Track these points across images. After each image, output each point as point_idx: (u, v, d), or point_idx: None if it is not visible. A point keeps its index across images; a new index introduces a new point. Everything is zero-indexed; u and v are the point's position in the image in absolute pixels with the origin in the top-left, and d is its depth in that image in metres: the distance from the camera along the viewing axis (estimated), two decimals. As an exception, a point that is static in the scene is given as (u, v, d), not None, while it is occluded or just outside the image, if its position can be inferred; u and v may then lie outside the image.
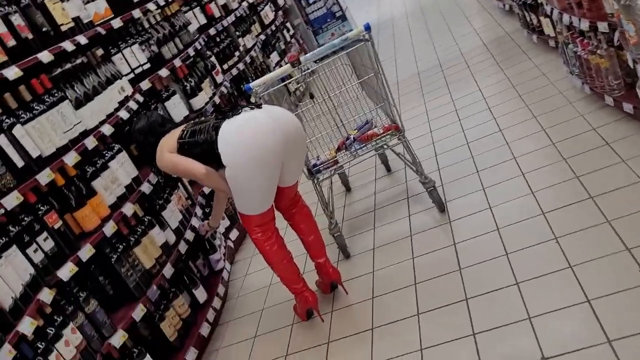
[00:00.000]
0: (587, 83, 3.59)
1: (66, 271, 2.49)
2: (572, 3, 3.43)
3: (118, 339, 2.64)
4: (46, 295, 2.35)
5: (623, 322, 2.10)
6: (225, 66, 5.31)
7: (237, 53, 5.67)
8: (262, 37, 6.74)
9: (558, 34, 4.09)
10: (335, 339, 2.83)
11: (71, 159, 2.68)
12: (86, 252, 2.62)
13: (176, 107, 3.94)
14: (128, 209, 2.94)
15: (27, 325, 2.15)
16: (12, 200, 2.35)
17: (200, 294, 3.35)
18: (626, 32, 2.56)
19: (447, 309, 2.63)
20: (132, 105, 3.36)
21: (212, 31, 5.26)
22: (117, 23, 3.59)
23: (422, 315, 2.68)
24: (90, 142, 2.85)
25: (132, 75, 3.67)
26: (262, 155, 2.55)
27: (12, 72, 2.51)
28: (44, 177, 2.52)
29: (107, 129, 3.01)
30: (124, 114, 3.21)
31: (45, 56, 2.74)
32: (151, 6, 4.07)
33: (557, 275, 2.48)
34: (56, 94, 2.77)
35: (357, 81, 3.60)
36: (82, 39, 3.09)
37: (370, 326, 2.78)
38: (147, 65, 3.81)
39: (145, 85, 3.70)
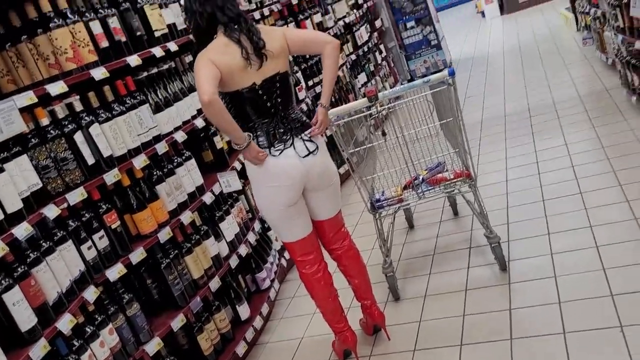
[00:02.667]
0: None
1: (115, 272, 2.55)
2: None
3: (153, 346, 2.67)
4: (91, 294, 2.41)
5: None
6: (310, 82, 5.34)
7: (323, 71, 5.68)
8: (353, 57, 6.73)
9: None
10: (368, 386, 2.74)
11: (140, 161, 2.75)
12: (138, 255, 2.67)
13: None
14: (186, 217, 2.98)
15: (65, 323, 2.20)
16: (77, 196, 2.44)
17: (243, 311, 3.35)
18: None
19: (489, 380, 2.48)
20: (209, 114, 3.42)
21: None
22: (208, 32, 3.68)
23: (462, 380, 2.54)
24: (162, 147, 2.92)
25: (214, 84, 3.74)
26: (280, 185, 2.61)
27: (99, 73, 2.62)
28: (111, 176, 2.60)
29: (180, 136, 3.07)
30: (199, 122, 3.28)
31: (133, 60, 2.83)
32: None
33: (616, 370, 2.27)
34: (138, 97, 2.86)
35: (437, 123, 3.48)
36: (173, 46, 3.18)
37: (406, 380, 2.67)
38: (231, 76, 3.87)
39: (225, 95, 3.76)
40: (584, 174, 3.95)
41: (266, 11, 4.64)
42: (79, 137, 2.52)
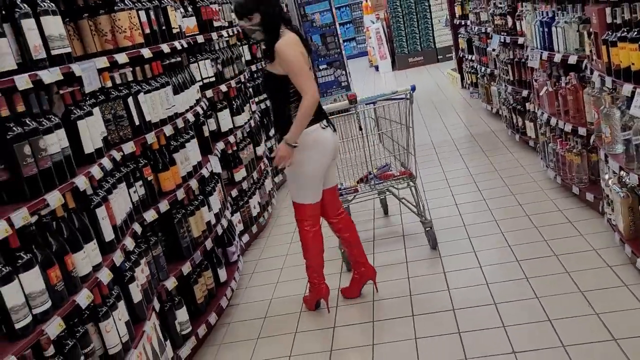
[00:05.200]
0: (560, 175, 4.50)
1: (149, 215, 3.06)
2: (560, 110, 4.38)
3: (170, 283, 3.17)
4: (137, 228, 2.91)
5: None
6: (256, 99, 6.04)
7: (264, 91, 6.43)
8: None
9: (541, 135, 5.05)
10: (340, 325, 3.44)
11: (168, 130, 3.31)
12: (164, 205, 3.20)
13: (224, 119, 4.62)
14: (193, 183, 3.54)
15: (129, 243, 2.70)
16: (128, 148, 2.95)
17: (223, 274, 3.89)
18: (603, 134, 3.46)
19: (436, 315, 3.30)
20: (203, 105, 4.03)
21: (253, 67, 6.05)
22: (200, 39, 4.33)
23: (417, 317, 3.34)
24: (180, 122, 3.48)
25: (200, 83, 4.36)
26: (327, 152, 3.34)
27: (146, 52, 3.18)
28: (150, 137, 3.13)
29: (190, 116, 3.65)
30: (199, 109, 3.88)
31: (165, 47, 3.42)
32: (223, 32, 4.85)
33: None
34: (165, 78, 3.43)
35: (394, 127, 4.38)
36: (184, 43, 3.79)
37: (371, 319, 3.41)
38: (213, 79, 4.52)
39: (209, 94, 4.40)
40: (484, 187, 5.07)
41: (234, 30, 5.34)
42: (130, 101, 3.04)
